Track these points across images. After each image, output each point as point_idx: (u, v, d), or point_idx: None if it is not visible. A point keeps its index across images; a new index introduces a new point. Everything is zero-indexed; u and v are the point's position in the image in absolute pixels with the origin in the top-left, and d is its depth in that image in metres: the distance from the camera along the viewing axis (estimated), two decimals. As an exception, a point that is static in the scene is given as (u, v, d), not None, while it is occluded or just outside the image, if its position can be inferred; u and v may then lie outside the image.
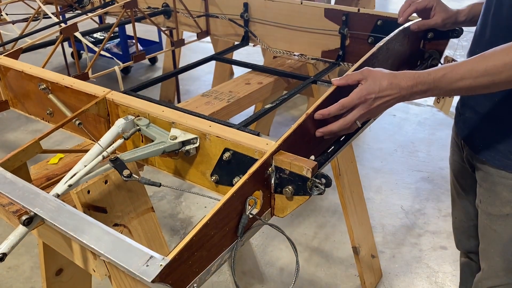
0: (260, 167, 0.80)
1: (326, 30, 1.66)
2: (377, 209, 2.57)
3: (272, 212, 0.89)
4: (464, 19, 1.29)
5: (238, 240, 0.79)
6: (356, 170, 1.92)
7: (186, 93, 4.07)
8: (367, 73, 0.93)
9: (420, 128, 3.43)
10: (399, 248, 2.28)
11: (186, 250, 0.68)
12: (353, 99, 0.92)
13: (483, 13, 1.13)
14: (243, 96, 1.44)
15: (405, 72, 0.93)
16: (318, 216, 2.52)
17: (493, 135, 1.15)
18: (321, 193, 0.80)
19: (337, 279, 2.11)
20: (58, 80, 1.13)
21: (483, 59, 0.91)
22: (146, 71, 4.60)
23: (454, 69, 0.92)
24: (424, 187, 2.75)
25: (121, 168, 0.86)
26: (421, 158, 3.05)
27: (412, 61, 1.47)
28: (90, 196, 1.01)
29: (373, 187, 2.76)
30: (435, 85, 0.92)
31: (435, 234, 2.36)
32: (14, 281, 2.11)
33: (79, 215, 0.76)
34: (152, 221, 1.14)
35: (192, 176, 0.98)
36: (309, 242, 2.33)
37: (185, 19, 2.01)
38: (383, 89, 0.91)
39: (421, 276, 2.12)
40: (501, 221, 1.20)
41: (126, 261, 0.66)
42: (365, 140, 3.29)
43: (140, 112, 1.00)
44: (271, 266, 2.19)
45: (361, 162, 3.01)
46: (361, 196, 1.97)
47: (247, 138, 0.87)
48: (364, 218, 1.98)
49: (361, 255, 1.95)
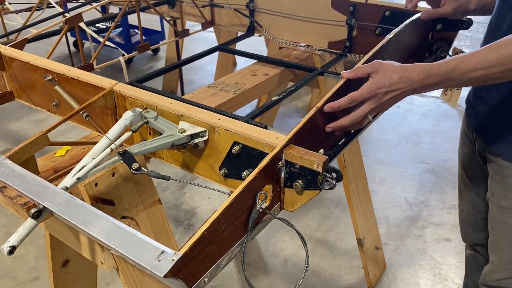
0: (270, 162, 0.79)
1: (333, 20, 1.64)
2: (381, 200, 2.57)
3: (281, 206, 0.88)
4: (475, 7, 1.27)
5: (248, 234, 0.79)
6: (361, 162, 1.91)
7: (189, 83, 4.06)
8: (377, 66, 0.92)
9: (424, 120, 3.41)
10: (403, 240, 2.29)
11: (198, 244, 0.67)
12: (363, 93, 0.91)
13: (499, 5, 1.11)
14: (250, 87, 1.43)
15: (416, 64, 0.92)
16: (322, 208, 2.52)
17: (507, 128, 1.14)
18: (332, 188, 0.79)
19: (341, 270, 2.11)
20: (64, 71, 1.12)
21: (495, 49, 0.90)
22: (148, 60, 4.58)
23: (465, 59, 0.90)
24: (428, 179, 2.74)
25: (130, 161, 0.85)
26: (425, 150, 3.04)
27: (420, 52, 1.45)
28: (97, 189, 1.00)
29: (377, 178, 2.75)
30: (447, 76, 0.91)
31: (439, 226, 2.36)
32: (19, 271, 2.12)
33: (89, 208, 0.75)
34: (159, 214, 1.14)
35: (200, 169, 0.98)
36: (313, 234, 2.33)
37: (190, 9, 2.00)
38: (394, 83, 0.90)
39: (425, 268, 2.12)
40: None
41: (137, 256, 0.66)
42: (369, 131, 3.28)
43: (148, 105, 0.99)
44: (275, 257, 2.19)
45: (365, 154, 3.00)
46: (366, 188, 1.96)
47: (257, 132, 0.86)
48: (368, 210, 1.98)
49: (365, 247, 1.96)
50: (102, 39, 1.55)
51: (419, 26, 1.32)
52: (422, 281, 2.05)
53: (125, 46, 4.14)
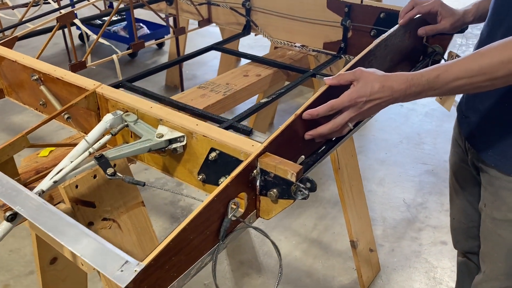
0: (244, 170, 0.78)
1: (329, 21, 1.62)
2: (379, 201, 2.55)
3: (257, 214, 0.88)
4: (472, 19, 1.26)
5: (220, 243, 0.78)
6: (356, 164, 1.90)
7: (193, 78, 4.05)
8: (359, 75, 0.90)
9: (427, 120, 3.38)
10: (399, 242, 2.27)
11: (163, 255, 0.67)
12: (343, 101, 0.89)
13: (492, 14, 1.09)
14: (240, 89, 1.42)
15: (398, 74, 0.90)
16: (319, 208, 2.51)
17: (502, 140, 1.11)
18: (305, 198, 0.78)
19: (335, 271, 2.11)
20: (49, 72, 1.12)
21: (478, 57, 0.88)
22: (153, 55, 4.58)
23: (448, 69, 0.89)
24: (428, 180, 2.72)
25: (105, 166, 0.85)
26: (427, 151, 3.01)
27: (414, 56, 1.43)
28: (78, 191, 1.00)
29: (376, 179, 2.74)
30: (429, 86, 0.89)
31: (436, 229, 2.34)
32: (15, 264, 2.14)
33: (59, 215, 0.75)
34: (142, 216, 1.14)
35: (180, 173, 0.97)
36: (308, 234, 2.33)
37: (187, 6, 1.99)
38: (375, 92, 0.88)
39: (419, 271, 2.11)
40: (507, 226, 1.17)
41: (101, 265, 0.66)
42: (371, 130, 3.26)
43: (129, 108, 0.98)
44: (270, 256, 2.19)
45: (365, 153, 2.98)
46: (361, 190, 1.95)
47: (234, 139, 0.86)
48: (363, 212, 1.97)
49: (358, 249, 1.94)
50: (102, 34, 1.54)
51: (412, 30, 1.30)
52: (416, 284, 2.04)
53: (129, 39, 4.14)
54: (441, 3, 1.25)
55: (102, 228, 1.06)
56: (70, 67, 1.49)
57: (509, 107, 1.06)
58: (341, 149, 1.77)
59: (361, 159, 2.92)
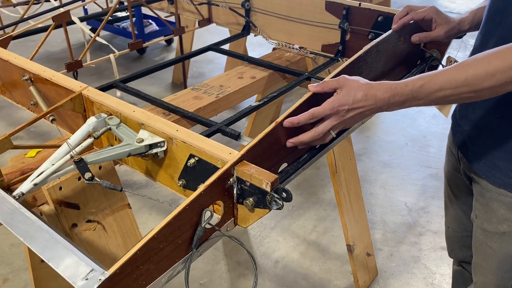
0: (219, 179, 0.78)
1: (327, 23, 1.60)
2: (380, 205, 2.52)
3: (235, 221, 0.87)
4: (468, 27, 1.23)
5: (194, 251, 0.78)
6: (354, 167, 1.88)
7: (200, 76, 4.06)
8: (343, 82, 0.89)
9: (434, 122, 3.33)
10: (398, 246, 2.25)
11: (130, 264, 0.67)
12: (325, 109, 0.88)
13: (485, 23, 1.06)
14: (233, 91, 1.41)
15: (382, 83, 0.89)
16: (319, 209, 2.49)
17: (493, 152, 1.08)
18: (279, 208, 0.77)
19: (331, 274, 2.09)
20: (39, 72, 1.13)
21: (463, 68, 0.86)
22: (161, 51, 4.59)
23: (432, 79, 0.87)
24: (431, 184, 2.68)
25: (83, 170, 0.85)
26: (432, 154, 2.97)
27: (411, 61, 1.40)
28: (62, 193, 1.01)
29: (378, 181, 2.71)
30: (413, 96, 0.88)
31: (436, 234, 2.31)
32: (15, 258, 2.17)
33: (32, 219, 0.75)
34: (128, 218, 1.14)
35: (161, 178, 0.97)
36: (307, 236, 2.31)
37: (188, 6, 1.98)
38: (357, 101, 0.87)
39: (417, 276, 2.08)
40: (497, 238, 1.15)
41: (67, 272, 0.66)
42: (376, 132, 3.23)
43: (112, 111, 0.98)
44: (267, 257, 2.19)
45: (368, 155, 2.96)
46: (359, 193, 1.93)
47: (212, 146, 0.85)
48: (360, 216, 1.95)
49: (355, 253, 1.93)
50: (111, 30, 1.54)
51: (407, 35, 1.27)
52: (414, 290, 2.02)
53: (138, 36, 4.16)
54: (436, 10, 1.23)
55: (86, 229, 1.06)
56: (66, 66, 1.50)
57: (500, 118, 1.04)
58: (339, 152, 1.76)
59: (364, 161, 2.90)
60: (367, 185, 2.67)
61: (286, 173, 0.90)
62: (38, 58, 1.33)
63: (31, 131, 3.13)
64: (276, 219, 2.41)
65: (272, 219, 2.42)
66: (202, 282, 2.05)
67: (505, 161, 1.06)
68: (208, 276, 2.08)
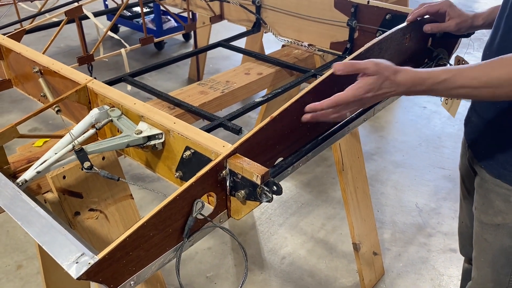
0: (211, 171, 0.79)
1: (336, 21, 1.61)
2: (391, 204, 2.51)
3: (228, 213, 0.88)
4: (482, 23, 1.23)
5: (185, 241, 0.80)
6: (362, 165, 1.87)
7: (216, 72, 4.08)
8: (371, 68, 0.89)
9: (450, 122, 3.29)
10: (407, 247, 2.23)
11: (119, 250, 0.69)
12: (348, 97, 0.89)
13: (497, 17, 1.06)
14: (239, 87, 1.43)
15: (407, 70, 0.90)
16: (329, 208, 2.49)
17: (494, 143, 1.11)
18: (269, 201, 0.79)
19: (338, 272, 2.09)
20: (48, 65, 1.16)
21: (487, 69, 0.87)
22: (179, 47, 4.64)
23: (456, 75, 0.88)
24: (444, 186, 2.65)
25: (83, 159, 0.88)
26: (446, 155, 2.93)
27: (418, 59, 1.40)
28: (65, 181, 1.04)
29: (389, 181, 2.69)
30: (433, 88, 0.90)
31: (446, 236, 2.29)
32: (29, 246, 2.23)
33: (31, 205, 0.78)
34: (130, 208, 1.17)
35: (160, 169, 0.99)
36: (315, 233, 2.32)
37: (201, 2, 2.00)
38: (382, 88, 0.89)
39: (424, 277, 2.07)
40: (492, 231, 1.15)
41: (59, 255, 0.68)
42: (390, 131, 3.20)
43: (115, 103, 1.01)
44: (274, 253, 2.20)
45: (381, 155, 2.94)
46: (367, 192, 1.92)
47: (207, 139, 0.87)
48: (367, 214, 1.94)
49: (361, 252, 1.92)
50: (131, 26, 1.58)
51: (413, 33, 1.27)
52: (420, 291, 2.00)
53: (156, 32, 4.20)
54: (450, 3, 1.23)
55: (89, 218, 1.09)
56: (77, 60, 1.54)
57: (505, 112, 1.05)
58: (346, 150, 1.76)
59: (376, 160, 2.88)
60: (378, 185, 2.66)
61: (280, 167, 0.91)
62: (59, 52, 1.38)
63: (50, 123, 3.21)
64: (284, 216, 2.43)
65: (280, 216, 2.43)
66: (209, 276, 2.08)
67: (503, 152, 1.07)
68: (215, 270, 2.10)
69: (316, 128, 1.03)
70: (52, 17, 1.63)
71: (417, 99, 3.58)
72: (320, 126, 1.04)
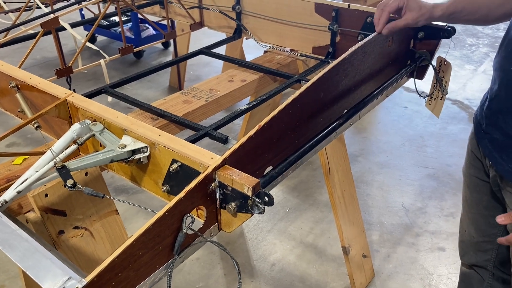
0: (200, 184, 0.77)
1: (317, 25, 1.60)
2: (377, 206, 2.51)
3: (219, 226, 0.86)
4: (441, 14, 1.16)
5: (175, 258, 0.77)
6: (348, 168, 1.87)
7: (197, 79, 4.05)
8: None
9: (431, 122, 3.32)
10: (395, 247, 2.24)
11: (108, 271, 0.66)
12: None
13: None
14: (223, 95, 1.41)
15: None
16: (316, 211, 2.48)
17: None
18: (261, 213, 0.77)
19: (328, 277, 2.08)
20: (25, 79, 1.13)
21: None
22: (158, 55, 4.60)
23: None
24: (428, 185, 2.67)
25: (65, 177, 0.84)
26: (429, 154, 2.96)
27: (401, 60, 1.40)
28: (47, 200, 1.01)
29: (375, 182, 2.70)
30: None
31: (434, 235, 2.30)
32: (11, 265, 2.16)
33: (12, 227, 0.75)
34: (116, 224, 1.14)
35: (146, 184, 0.97)
36: (303, 238, 2.31)
37: (180, 10, 1.98)
38: None
39: (414, 277, 2.07)
40: None
41: (44, 280, 0.65)
42: (373, 132, 3.22)
43: (96, 117, 0.98)
44: (263, 261, 2.18)
45: (365, 156, 2.95)
46: (354, 195, 1.92)
47: (194, 151, 0.84)
48: (356, 217, 1.94)
49: (351, 255, 1.92)
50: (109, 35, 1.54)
51: (395, 36, 1.27)
52: (411, 291, 2.01)
53: (135, 40, 4.16)
54: None
55: (73, 236, 1.06)
56: (56, 73, 1.50)
57: None
58: (332, 154, 1.75)
59: (361, 162, 2.89)
60: (363, 186, 2.66)
61: (270, 177, 0.90)
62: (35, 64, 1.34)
63: (28, 137, 3.13)
64: (272, 222, 2.41)
65: (268, 222, 2.41)
66: (198, 287, 2.04)
67: None
68: (204, 280, 2.07)
69: (305, 134, 1.01)
70: (28, 29, 1.58)
71: (398, 99, 3.61)
72: (309, 132, 1.03)
